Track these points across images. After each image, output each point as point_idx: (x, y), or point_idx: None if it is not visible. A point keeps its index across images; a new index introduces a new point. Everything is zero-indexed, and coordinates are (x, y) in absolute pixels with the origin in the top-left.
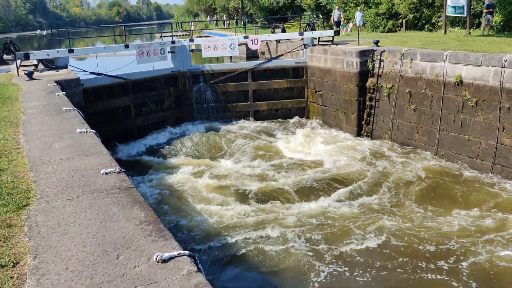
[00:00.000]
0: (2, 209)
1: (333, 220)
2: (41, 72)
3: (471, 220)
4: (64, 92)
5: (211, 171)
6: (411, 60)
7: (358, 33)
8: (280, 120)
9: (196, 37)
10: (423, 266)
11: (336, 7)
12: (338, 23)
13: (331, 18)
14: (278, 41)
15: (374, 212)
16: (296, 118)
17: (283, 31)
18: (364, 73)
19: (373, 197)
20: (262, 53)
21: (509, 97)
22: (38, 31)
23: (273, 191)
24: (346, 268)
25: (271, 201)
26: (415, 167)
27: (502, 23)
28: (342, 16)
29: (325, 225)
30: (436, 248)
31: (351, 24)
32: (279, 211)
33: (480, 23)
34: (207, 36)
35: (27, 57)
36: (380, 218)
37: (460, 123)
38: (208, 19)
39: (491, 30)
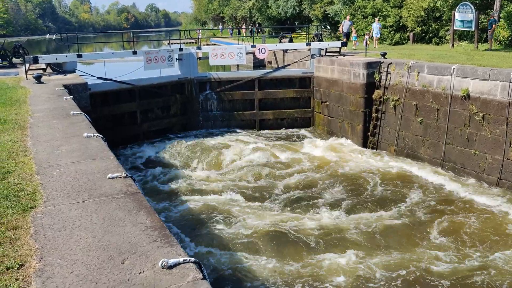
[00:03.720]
0: (9, 211)
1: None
2: (49, 76)
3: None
4: (72, 96)
5: (215, 178)
6: (418, 73)
7: (366, 45)
8: (285, 129)
9: (204, 45)
10: None
11: (347, 17)
12: (347, 34)
13: (340, 29)
14: (285, 51)
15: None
16: (301, 128)
17: (291, 41)
18: (370, 85)
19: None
20: (269, 62)
21: None
22: (47, 36)
23: (282, 202)
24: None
25: (281, 211)
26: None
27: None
28: (353, 28)
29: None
30: None
31: (366, 37)
32: (290, 222)
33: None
34: (215, 44)
35: (35, 60)
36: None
37: (466, 137)
38: (221, 27)
39: (498, 45)
